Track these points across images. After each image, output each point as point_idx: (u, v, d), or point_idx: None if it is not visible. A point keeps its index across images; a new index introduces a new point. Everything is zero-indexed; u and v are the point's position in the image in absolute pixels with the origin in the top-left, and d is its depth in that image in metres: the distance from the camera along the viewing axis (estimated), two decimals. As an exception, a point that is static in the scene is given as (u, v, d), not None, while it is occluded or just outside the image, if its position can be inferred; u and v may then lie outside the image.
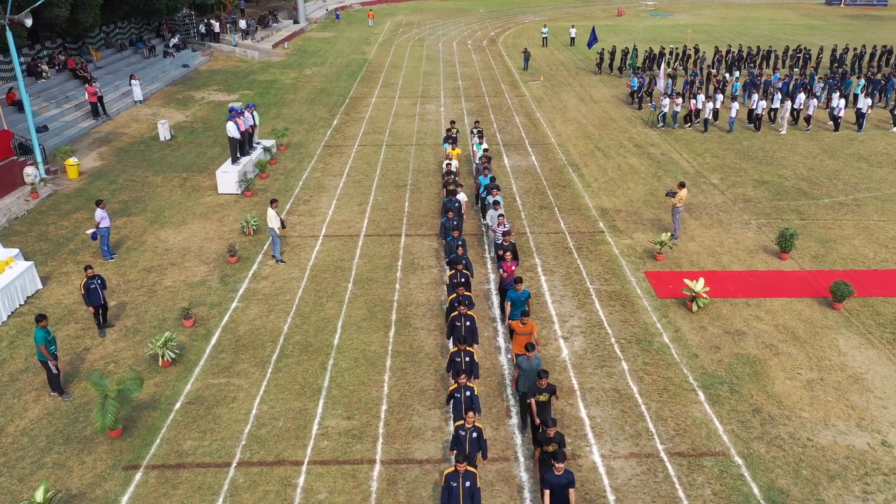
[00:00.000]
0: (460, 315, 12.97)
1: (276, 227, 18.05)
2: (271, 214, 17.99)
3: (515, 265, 15.29)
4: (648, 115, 32.26)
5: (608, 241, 19.75)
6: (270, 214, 18.01)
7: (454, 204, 17.90)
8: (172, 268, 18.16)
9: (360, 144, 28.85)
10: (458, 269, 14.57)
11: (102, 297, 14.82)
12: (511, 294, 13.89)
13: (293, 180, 24.63)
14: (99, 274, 15.00)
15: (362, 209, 22.07)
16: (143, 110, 33.06)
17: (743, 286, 17.17)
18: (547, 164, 26.28)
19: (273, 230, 18.14)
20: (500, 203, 18.20)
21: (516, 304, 13.78)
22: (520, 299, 13.81)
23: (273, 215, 17.98)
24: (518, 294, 13.82)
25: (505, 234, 16.39)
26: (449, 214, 17.18)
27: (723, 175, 24.92)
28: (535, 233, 20.33)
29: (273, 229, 18.12)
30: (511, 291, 13.90)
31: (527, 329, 12.70)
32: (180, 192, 23.44)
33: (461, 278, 14.43)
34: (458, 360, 12.06)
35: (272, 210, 18.03)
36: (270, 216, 18.01)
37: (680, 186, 19.52)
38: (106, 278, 15.45)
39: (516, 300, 13.81)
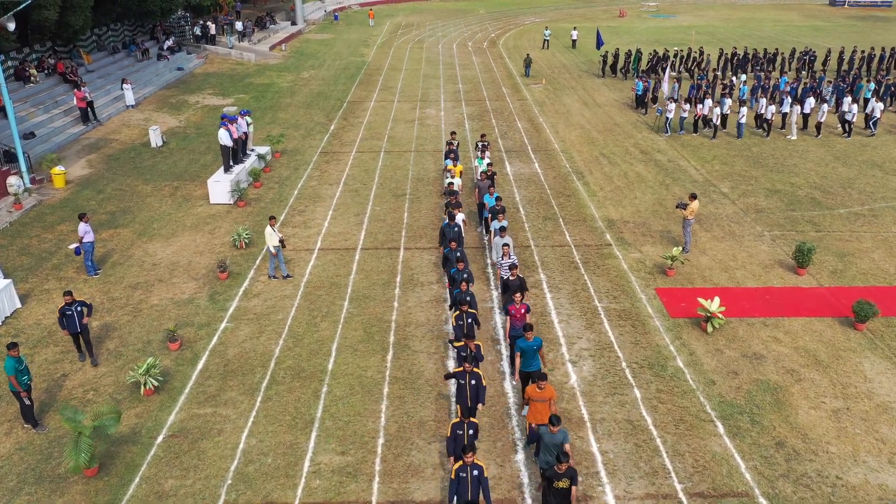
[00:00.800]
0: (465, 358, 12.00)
1: (273, 244, 17.04)
2: (269, 232, 17.03)
3: (525, 308, 13.32)
4: (654, 121, 31.40)
5: (616, 254, 18.90)
6: (268, 232, 17.04)
7: (454, 230, 16.68)
8: (160, 284, 17.30)
9: (357, 151, 27.99)
10: (462, 309, 12.99)
11: (79, 325, 13.69)
12: (521, 344, 12.16)
13: (288, 189, 23.77)
14: (82, 301, 13.87)
15: (359, 220, 21.22)
16: (134, 115, 32.19)
17: (759, 304, 16.31)
18: (551, 172, 25.43)
19: (270, 248, 17.13)
20: (506, 228, 16.95)
21: (527, 354, 12.16)
22: (531, 349, 12.16)
23: (271, 233, 17.01)
24: (529, 343, 12.09)
25: (512, 268, 14.52)
26: (452, 245, 15.80)
27: (733, 183, 24.07)
28: (539, 246, 19.47)
29: (271, 248, 17.11)
30: (521, 341, 12.17)
31: (545, 394, 10.96)
32: (171, 201, 22.58)
33: (468, 319, 12.91)
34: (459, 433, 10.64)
35: (270, 228, 17.05)
36: (268, 234, 17.04)
37: (691, 198, 18.67)
38: (91, 304, 14.35)
39: (527, 350, 12.14)
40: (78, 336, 13.96)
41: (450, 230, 16.74)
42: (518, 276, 14.42)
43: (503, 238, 16.25)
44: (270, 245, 17.03)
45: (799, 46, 49.45)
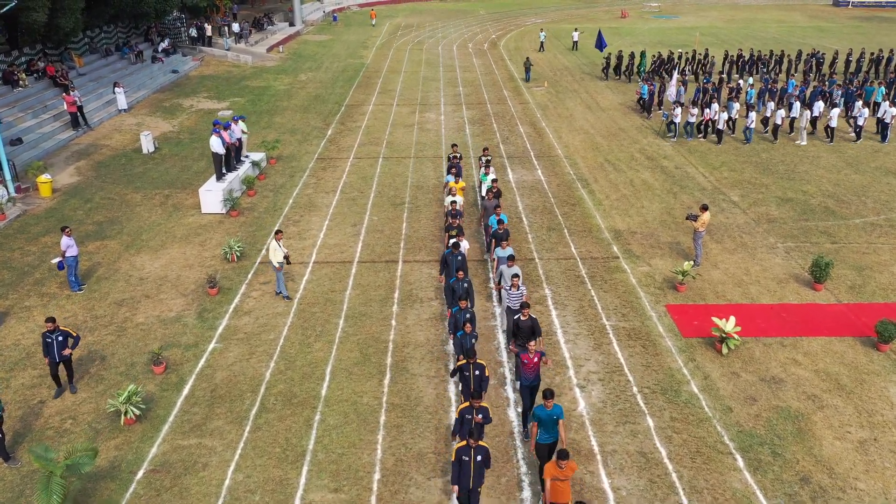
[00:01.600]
0: None
1: (276, 260, 16.08)
2: (274, 247, 16.06)
3: (539, 357, 11.68)
4: (660, 125, 30.60)
5: (624, 268, 18.10)
6: (273, 247, 16.09)
7: (457, 258, 15.18)
8: (146, 301, 16.50)
9: (355, 157, 27.19)
10: (471, 361, 11.53)
11: (58, 355, 12.70)
12: (539, 413, 10.38)
13: (283, 197, 22.97)
14: (66, 331, 12.85)
15: (356, 231, 20.42)
16: (127, 120, 31.38)
17: (776, 323, 15.52)
18: (554, 179, 24.63)
19: (274, 264, 16.19)
20: (514, 257, 15.39)
21: (546, 425, 10.39)
22: (550, 419, 10.34)
23: (276, 248, 16.04)
24: (548, 413, 10.30)
25: (524, 308, 12.60)
26: (459, 274, 14.34)
27: (743, 191, 23.27)
28: (543, 258, 18.67)
29: (274, 263, 16.16)
30: (539, 409, 10.41)
31: (566, 472, 9.53)
32: (161, 211, 21.78)
33: (474, 371, 11.46)
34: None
35: (276, 242, 16.10)
36: (273, 249, 16.07)
37: (702, 209, 17.89)
38: (78, 336, 13.19)
39: (545, 420, 10.34)
40: (57, 366, 12.94)
41: (453, 259, 15.24)
42: (530, 315, 12.67)
43: (511, 268, 14.64)
44: (274, 261, 16.12)
45: (805, 48, 48.65)
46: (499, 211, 17.59)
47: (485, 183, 20.23)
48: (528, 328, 12.53)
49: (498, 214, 17.43)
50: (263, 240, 19.72)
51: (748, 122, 28.40)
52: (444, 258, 15.48)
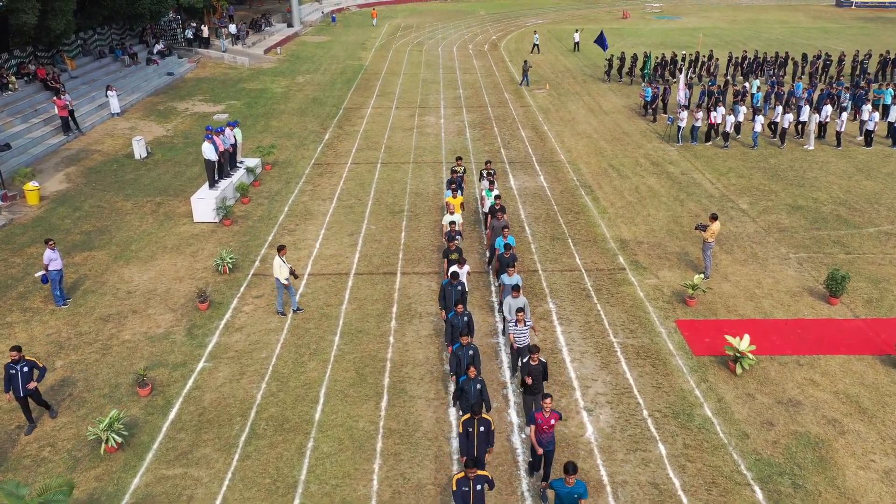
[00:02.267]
0: None
1: (283, 277, 15.28)
2: (278, 264, 15.23)
3: (557, 419, 10.34)
4: (665, 130, 29.92)
5: (631, 280, 17.42)
6: (277, 264, 15.25)
7: (456, 289, 13.87)
8: (134, 316, 15.82)
9: (352, 162, 26.52)
10: (476, 416, 10.18)
11: (23, 389, 11.73)
12: (558, 488, 9.09)
13: (278, 205, 22.29)
14: (33, 361, 11.93)
15: (353, 241, 19.74)
16: (119, 124, 30.69)
17: (791, 340, 14.84)
18: (557, 186, 23.95)
19: (280, 281, 15.40)
20: (521, 286, 14.02)
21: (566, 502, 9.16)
22: (571, 498, 9.06)
23: (280, 264, 15.22)
24: (569, 490, 9.00)
25: (532, 351, 11.36)
26: (458, 308, 13.04)
27: (752, 199, 22.60)
28: (547, 270, 17.99)
29: (280, 280, 15.37)
30: (558, 484, 9.08)
31: None
32: (152, 220, 21.10)
33: (479, 427, 10.22)
34: None
35: (280, 258, 15.28)
36: (277, 266, 15.27)
37: (712, 219, 17.22)
38: (44, 367, 12.12)
39: (565, 499, 9.09)
40: (25, 400, 11.99)
41: (452, 290, 13.90)
42: (541, 360, 11.41)
43: (517, 299, 13.37)
44: (280, 278, 15.33)
45: (810, 49, 48.02)
46: (506, 233, 16.29)
47: (488, 199, 18.85)
48: (539, 373, 11.46)
49: (505, 237, 16.16)
50: (257, 250, 19.05)
51: (755, 127, 27.72)
52: (443, 289, 14.09)
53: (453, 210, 17.62)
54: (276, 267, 15.33)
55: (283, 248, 15.57)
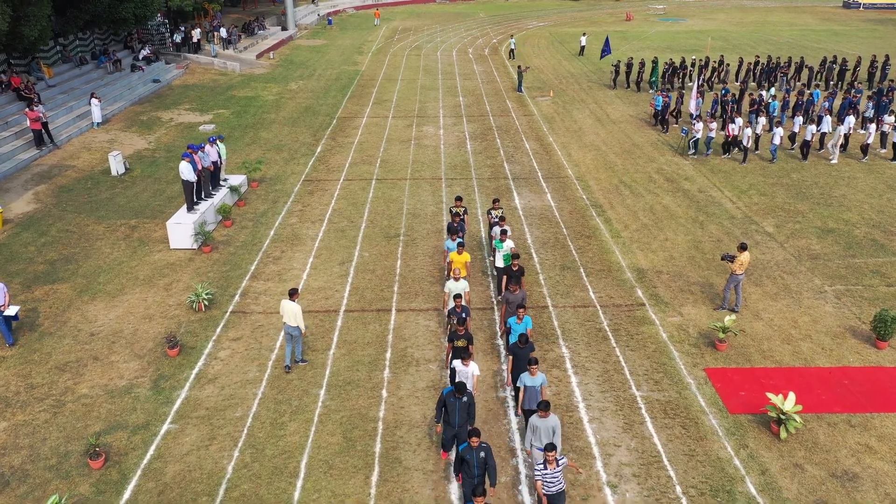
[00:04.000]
0: None
1: (299, 325, 13.36)
2: (290, 309, 13.21)
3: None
4: (679, 141, 28.16)
5: (651, 318, 15.66)
6: (287, 309, 13.22)
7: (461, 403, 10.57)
8: (94, 365, 14.03)
9: (345, 179, 24.74)
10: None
11: None
12: None
13: (263, 228, 20.51)
14: None
15: (344, 270, 17.97)
16: (98, 136, 28.89)
17: (839, 394, 13.08)
18: (566, 205, 22.19)
19: (291, 329, 13.40)
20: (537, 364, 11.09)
21: None
22: None
23: (294, 311, 13.18)
24: None
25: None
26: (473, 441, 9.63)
27: (777, 221, 20.83)
28: (558, 306, 16.22)
29: (291, 327, 13.38)
30: None
31: None
32: (124, 246, 19.31)
33: None
34: None
35: (292, 303, 13.21)
36: (287, 310, 13.21)
37: (741, 249, 15.48)
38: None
39: None
40: None
41: (456, 405, 10.55)
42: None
43: (545, 420, 10.03)
44: (302, 325, 13.48)
45: (819, 53, 46.36)
46: (522, 313, 12.66)
47: (500, 251, 15.81)
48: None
49: (520, 318, 12.66)
50: (237, 282, 17.27)
51: (773, 139, 25.95)
52: (443, 402, 10.73)
53: (458, 274, 14.11)
54: (288, 311, 13.29)
55: (295, 293, 13.40)
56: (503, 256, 15.70)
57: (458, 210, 17.37)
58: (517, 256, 14.91)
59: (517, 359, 11.89)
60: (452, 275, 14.17)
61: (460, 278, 14.06)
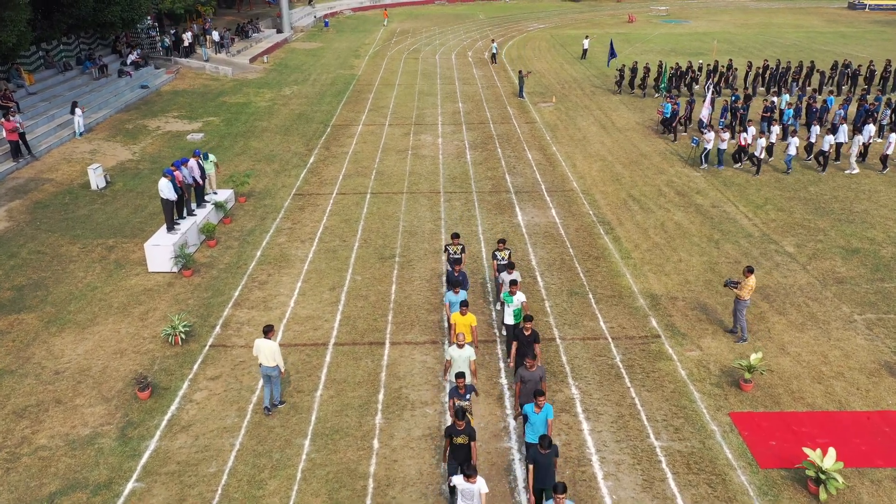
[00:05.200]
0: None
1: (278, 365, 12.20)
2: (266, 348, 12.00)
3: None
4: (690, 152, 26.85)
5: (668, 352, 14.37)
6: (264, 348, 12.01)
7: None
8: (56, 409, 12.74)
9: (338, 192, 23.44)
10: None
11: None
12: None
13: (249, 249, 19.21)
14: None
15: (335, 297, 16.67)
16: (79, 147, 27.59)
17: (880, 444, 11.79)
18: (572, 222, 20.90)
19: (269, 370, 12.19)
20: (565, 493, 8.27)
21: None
22: None
23: (271, 349, 12.00)
24: None
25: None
26: None
27: (798, 239, 19.55)
28: (566, 338, 14.93)
29: (269, 368, 12.17)
30: None
31: None
32: (99, 269, 18.01)
33: None
34: None
35: (268, 341, 12.02)
36: (263, 350, 12.02)
37: (747, 272, 14.34)
38: None
39: None
40: None
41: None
42: None
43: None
44: (281, 365, 12.34)
45: (827, 55, 45.11)
46: (542, 400, 10.11)
47: (509, 306, 13.40)
48: None
49: (539, 405, 10.09)
50: (219, 311, 15.98)
51: (788, 149, 24.63)
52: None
53: (463, 340, 11.63)
54: (263, 350, 12.06)
55: (270, 330, 12.14)
56: (513, 312, 13.44)
57: (455, 250, 15.25)
58: (530, 319, 12.09)
59: (539, 468, 9.33)
60: (455, 340, 11.78)
61: (465, 344, 11.73)
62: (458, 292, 13.42)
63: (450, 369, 11.87)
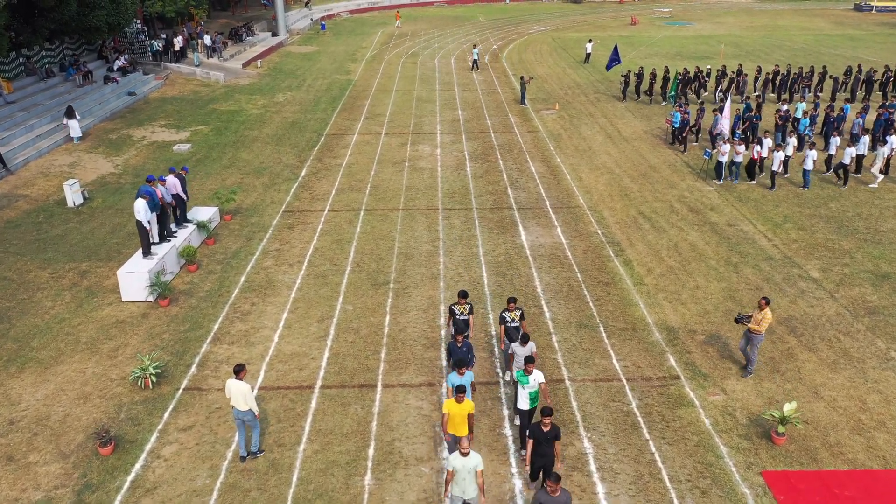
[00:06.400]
0: None
1: (252, 409, 11.06)
2: (237, 390, 10.91)
3: None
4: (702, 164, 25.47)
5: (689, 396, 13.02)
6: (234, 390, 10.93)
7: None
8: (6, 468, 11.36)
9: (331, 209, 22.09)
10: None
11: None
12: None
13: (233, 274, 17.85)
14: None
15: (323, 330, 15.31)
16: (59, 159, 26.23)
17: (935, 512, 10.44)
18: (579, 243, 19.55)
19: (242, 414, 11.08)
20: None
21: None
22: None
23: (242, 392, 10.90)
24: None
25: None
26: None
27: (822, 263, 18.20)
28: (576, 379, 13.58)
29: (242, 412, 11.06)
30: None
31: None
32: (69, 298, 16.65)
33: None
34: None
35: (239, 383, 10.93)
36: (234, 392, 10.93)
37: (762, 304, 13.04)
38: None
39: None
40: None
41: None
42: None
43: None
44: (255, 409, 11.18)
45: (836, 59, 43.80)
46: None
47: (523, 388, 11.07)
48: None
49: None
50: (196, 347, 14.63)
51: (806, 163, 23.23)
52: None
53: (466, 448, 9.16)
54: (235, 392, 10.93)
55: (242, 370, 11.02)
56: (528, 396, 11.11)
57: (462, 311, 12.76)
58: (549, 413, 9.79)
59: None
60: (460, 448, 9.17)
61: (469, 451, 9.17)
62: (463, 373, 10.92)
63: (451, 483, 9.35)
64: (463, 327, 12.83)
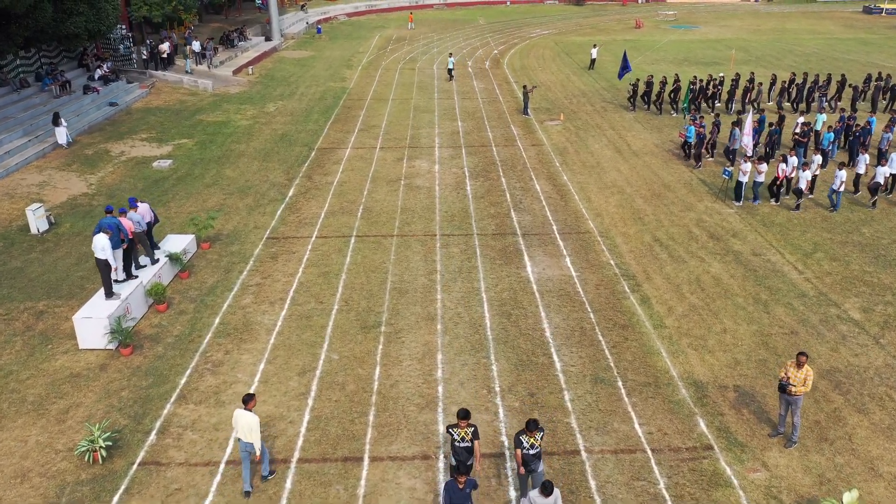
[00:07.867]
0: None
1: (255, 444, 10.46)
2: (244, 421, 10.37)
3: None
4: (721, 184, 23.64)
5: (725, 473, 11.20)
6: (241, 420, 10.40)
7: None
8: (-81, 573, 9.57)
9: (318, 235, 20.28)
10: None
11: None
12: None
13: (206, 314, 16.02)
14: None
15: (304, 385, 13.49)
16: (27, 178, 24.41)
17: None
18: (591, 276, 17.74)
19: (249, 445, 10.48)
20: None
21: None
22: None
23: (249, 424, 10.36)
24: None
25: None
26: None
27: (862, 301, 16.38)
28: (594, 450, 11.76)
29: (247, 444, 10.48)
30: None
31: None
32: (20, 344, 14.82)
33: None
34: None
35: (247, 413, 10.41)
36: (241, 422, 10.41)
37: (802, 361, 11.29)
38: None
39: None
40: None
41: None
42: None
43: None
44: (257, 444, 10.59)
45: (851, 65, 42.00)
46: None
47: None
48: None
49: None
50: (159, 406, 12.81)
51: (835, 184, 21.40)
52: None
53: None
54: (242, 425, 10.35)
55: (251, 399, 10.56)
56: None
57: (463, 435, 9.89)
58: None
59: None
60: None
61: None
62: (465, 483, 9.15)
63: None
64: (465, 457, 9.96)
